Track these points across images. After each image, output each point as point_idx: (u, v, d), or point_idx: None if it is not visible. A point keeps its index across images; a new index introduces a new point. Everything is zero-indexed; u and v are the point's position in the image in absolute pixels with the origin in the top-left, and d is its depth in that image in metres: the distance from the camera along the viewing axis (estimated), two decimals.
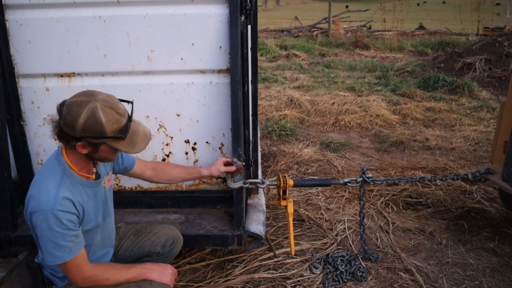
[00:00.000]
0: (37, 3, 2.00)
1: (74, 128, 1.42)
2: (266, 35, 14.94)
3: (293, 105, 5.94)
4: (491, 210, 3.07)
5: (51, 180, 1.51)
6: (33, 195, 1.49)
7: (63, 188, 1.51)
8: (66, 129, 1.44)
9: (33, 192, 1.50)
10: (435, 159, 4.08)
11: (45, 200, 1.46)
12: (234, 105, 2.02)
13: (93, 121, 1.41)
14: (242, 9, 1.99)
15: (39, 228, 1.47)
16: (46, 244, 1.49)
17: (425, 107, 5.89)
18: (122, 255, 1.93)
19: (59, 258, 1.50)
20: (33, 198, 1.49)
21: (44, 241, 1.49)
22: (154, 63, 2.09)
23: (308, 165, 3.97)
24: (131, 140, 1.52)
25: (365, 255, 2.54)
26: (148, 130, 1.61)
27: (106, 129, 1.43)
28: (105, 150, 1.51)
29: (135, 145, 1.53)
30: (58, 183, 1.50)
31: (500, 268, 2.48)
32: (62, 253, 1.49)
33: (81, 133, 1.42)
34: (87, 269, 1.57)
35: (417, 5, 31.14)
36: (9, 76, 2.08)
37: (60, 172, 1.53)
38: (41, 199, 1.47)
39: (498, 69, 7.30)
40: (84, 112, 1.40)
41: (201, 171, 2.03)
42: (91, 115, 1.41)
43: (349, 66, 9.19)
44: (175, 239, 2.00)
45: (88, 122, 1.41)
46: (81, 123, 1.40)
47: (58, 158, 1.55)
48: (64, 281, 1.68)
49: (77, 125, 1.41)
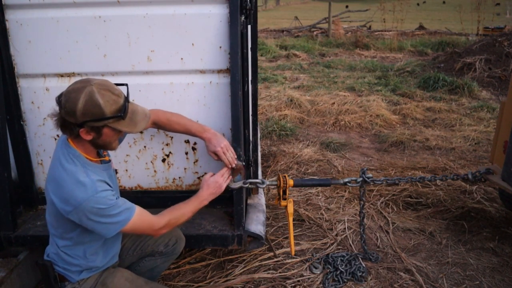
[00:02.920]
0: (37, 3, 2.00)
1: (75, 114, 1.44)
2: (266, 35, 14.93)
3: (293, 105, 5.94)
4: (491, 210, 3.06)
5: (78, 172, 1.52)
6: (69, 194, 1.48)
7: (91, 173, 1.54)
8: (67, 118, 1.46)
9: (67, 193, 1.49)
10: (435, 159, 4.08)
11: (85, 188, 1.48)
12: (234, 105, 2.01)
13: (91, 105, 1.43)
14: (242, 9, 1.99)
15: (92, 216, 1.50)
16: (106, 220, 1.53)
17: (425, 107, 5.88)
18: (124, 255, 1.94)
19: (125, 220, 1.56)
20: (71, 197, 1.48)
21: (102, 220, 1.52)
22: (154, 63, 2.09)
23: (308, 165, 3.97)
24: (131, 119, 1.55)
25: (365, 255, 2.54)
26: (147, 109, 1.64)
27: (105, 110, 1.45)
28: (108, 133, 1.53)
29: (136, 124, 1.56)
30: (84, 172, 1.53)
31: (500, 268, 2.48)
32: (124, 215, 1.56)
33: (82, 118, 1.44)
34: (155, 219, 1.66)
35: (417, 5, 31.15)
36: (9, 76, 2.08)
37: (80, 163, 1.55)
38: (82, 189, 1.48)
39: (498, 69, 7.30)
40: (81, 97, 1.43)
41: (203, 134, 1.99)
42: (89, 99, 1.43)
43: (349, 66, 9.19)
44: (178, 239, 2.01)
45: (87, 106, 1.43)
46: (80, 108, 1.42)
47: (71, 152, 1.55)
48: (80, 275, 1.67)
49: (77, 110, 1.43)
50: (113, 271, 1.76)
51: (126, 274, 1.77)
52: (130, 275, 1.78)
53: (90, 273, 1.69)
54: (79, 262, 1.66)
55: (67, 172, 1.52)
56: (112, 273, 1.74)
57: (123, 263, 1.94)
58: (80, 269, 1.67)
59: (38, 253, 1.88)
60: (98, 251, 1.69)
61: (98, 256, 1.69)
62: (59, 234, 1.63)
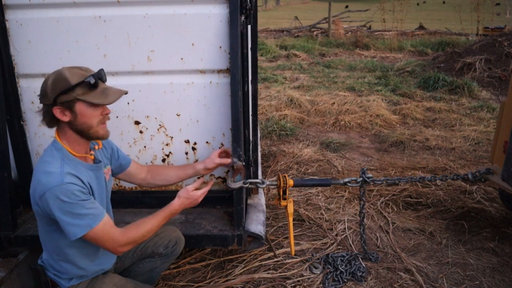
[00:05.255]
0: (37, 3, 2.00)
1: (46, 93, 1.48)
2: (266, 35, 14.94)
3: (293, 105, 5.94)
4: (491, 210, 3.06)
5: (53, 163, 1.50)
6: (38, 181, 1.48)
7: (66, 166, 1.51)
8: (43, 101, 1.50)
9: (36, 180, 1.49)
10: (435, 159, 4.08)
11: (52, 179, 1.46)
12: (234, 105, 2.01)
13: (58, 79, 1.47)
14: (242, 9, 1.99)
15: (54, 208, 1.45)
16: (66, 219, 1.46)
17: (425, 107, 5.89)
18: (124, 256, 1.93)
19: (86, 227, 1.48)
20: (38, 184, 1.47)
21: (63, 217, 1.46)
22: (154, 63, 2.09)
23: (308, 165, 3.97)
24: (103, 92, 1.54)
25: (365, 255, 2.54)
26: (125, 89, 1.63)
27: (71, 81, 1.46)
28: (82, 110, 1.50)
29: (108, 95, 1.54)
30: (59, 164, 1.51)
31: (500, 268, 2.48)
32: (87, 220, 1.48)
33: (52, 93, 1.47)
34: (119, 235, 1.57)
35: (417, 5, 31.15)
36: (9, 76, 2.08)
37: (59, 156, 1.53)
38: (48, 179, 1.46)
39: (498, 69, 7.30)
40: (50, 77, 1.49)
41: (196, 166, 2.01)
42: (57, 76, 1.48)
43: (349, 66, 9.19)
44: (178, 240, 2.01)
45: (55, 81, 1.47)
46: (50, 84, 1.47)
47: (54, 145, 1.56)
48: (69, 282, 1.67)
49: (47, 87, 1.47)
50: (102, 277, 1.73)
51: (115, 280, 1.74)
52: (119, 280, 1.75)
53: (80, 280, 1.68)
54: (68, 269, 1.64)
55: (40, 163, 1.53)
56: (101, 279, 1.72)
57: (123, 264, 1.94)
58: (70, 276, 1.66)
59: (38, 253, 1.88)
60: (86, 259, 1.66)
61: (87, 264, 1.67)
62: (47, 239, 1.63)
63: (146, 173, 1.99)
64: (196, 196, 1.82)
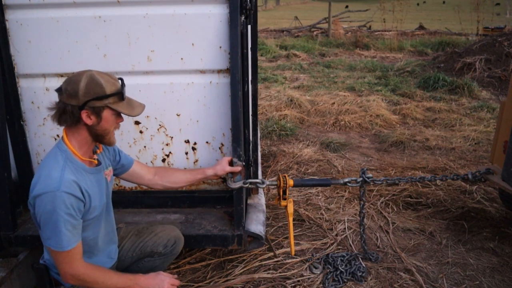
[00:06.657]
0: (37, 3, 2.00)
1: (77, 94, 1.47)
2: (266, 35, 14.94)
3: (293, 105, 5.94)
4: (491, 210, 3.06)
5: (55, 166, 1.51)
6: (37, 181, 1.49)
7: (67, 171, 1.51)
8: (69, 101, 1.48)
9: (36, 179, 1.50)
10: (435, 159, 4.08)
11: (50, 182, 1.46)
12: (234, 105, 2.02)
13: (93, 83, 1.49)
14: (242, 9, 1.99)
15: (43, 211, 1.46)
16: (47, 227, 1.48)
17: (425, 107, 5.89)
18: (124, 256, 1.93)
19: (57, 246, 1.49)
20: (37, 184, 1.48)
21: (46, 223, 1.47)
22: (154, 63, 2.09)
23: (308, 165, 3.97)
24: (129, 103, 1.61)
25: (365, 255, 2.54)
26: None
27: (106, 89, 1.50)
28: (108, 117, 1.55)
29: (134, 108, 1.61)
30: (62, 167, 1.51)
31: (500, 268, 2.48)
32: (61, 240, 1.48)
33: (84, 97, 1.47)
34: (80, 265, 1.55)
35: (417, 5, 31.16)
36: (9, 76, 2.08)
37: (63, 158, 1.54)
38: (46, 183, 1.47)
39: (498, 69, 7.30)
40: (83, 79, 1.49)
41: (206, 172, 2.02)
42: (91, 79, 1.49)
43: (349, 66, 9.19)
44: (177, 240, 2.01)
45: (89, 85, 1.48)
46: (82, 87, 1.47)
47: (59, 146, 1.57)
48: None
49: (79, 89, 1.47)
50: None
51: None
52: None
53: None
54: None
55: (42, 165, 1.54)
56: None
57: (122, 264, 1.94)
58: None
59: (38, 253, 1.88)
60: (84, 255, 1.63)
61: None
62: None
63: (154, 174, 1.99)
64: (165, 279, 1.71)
